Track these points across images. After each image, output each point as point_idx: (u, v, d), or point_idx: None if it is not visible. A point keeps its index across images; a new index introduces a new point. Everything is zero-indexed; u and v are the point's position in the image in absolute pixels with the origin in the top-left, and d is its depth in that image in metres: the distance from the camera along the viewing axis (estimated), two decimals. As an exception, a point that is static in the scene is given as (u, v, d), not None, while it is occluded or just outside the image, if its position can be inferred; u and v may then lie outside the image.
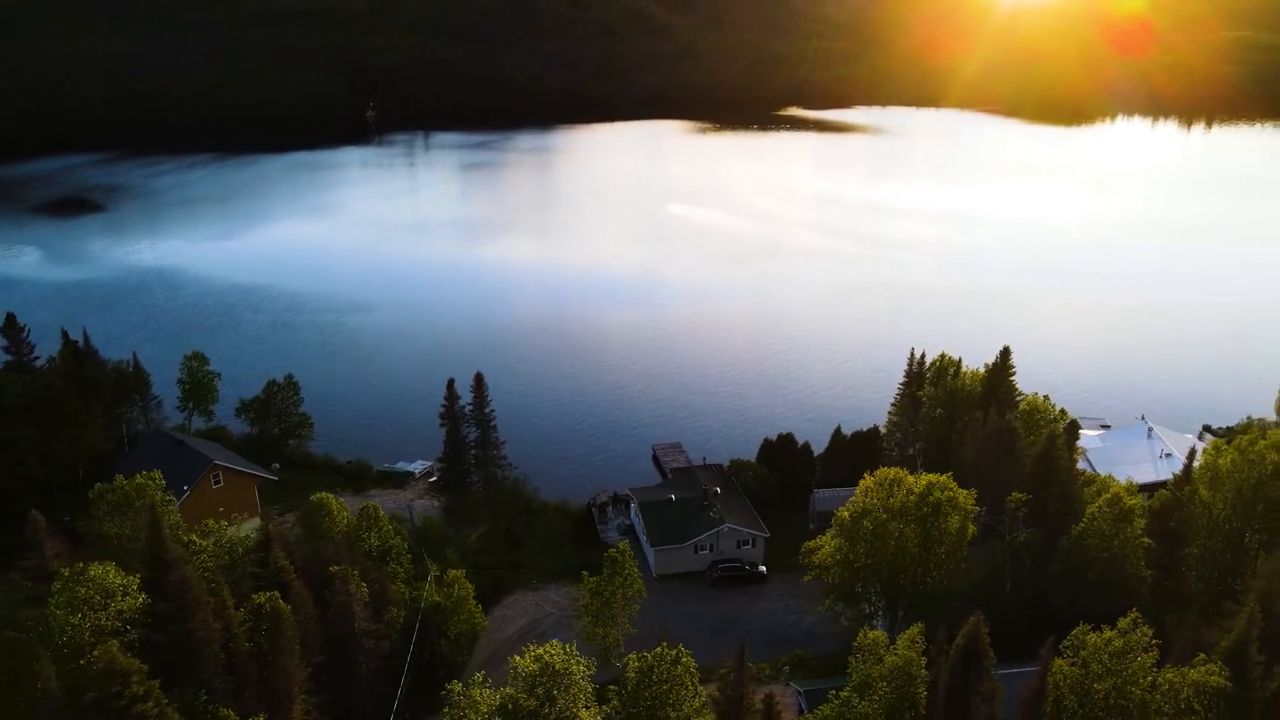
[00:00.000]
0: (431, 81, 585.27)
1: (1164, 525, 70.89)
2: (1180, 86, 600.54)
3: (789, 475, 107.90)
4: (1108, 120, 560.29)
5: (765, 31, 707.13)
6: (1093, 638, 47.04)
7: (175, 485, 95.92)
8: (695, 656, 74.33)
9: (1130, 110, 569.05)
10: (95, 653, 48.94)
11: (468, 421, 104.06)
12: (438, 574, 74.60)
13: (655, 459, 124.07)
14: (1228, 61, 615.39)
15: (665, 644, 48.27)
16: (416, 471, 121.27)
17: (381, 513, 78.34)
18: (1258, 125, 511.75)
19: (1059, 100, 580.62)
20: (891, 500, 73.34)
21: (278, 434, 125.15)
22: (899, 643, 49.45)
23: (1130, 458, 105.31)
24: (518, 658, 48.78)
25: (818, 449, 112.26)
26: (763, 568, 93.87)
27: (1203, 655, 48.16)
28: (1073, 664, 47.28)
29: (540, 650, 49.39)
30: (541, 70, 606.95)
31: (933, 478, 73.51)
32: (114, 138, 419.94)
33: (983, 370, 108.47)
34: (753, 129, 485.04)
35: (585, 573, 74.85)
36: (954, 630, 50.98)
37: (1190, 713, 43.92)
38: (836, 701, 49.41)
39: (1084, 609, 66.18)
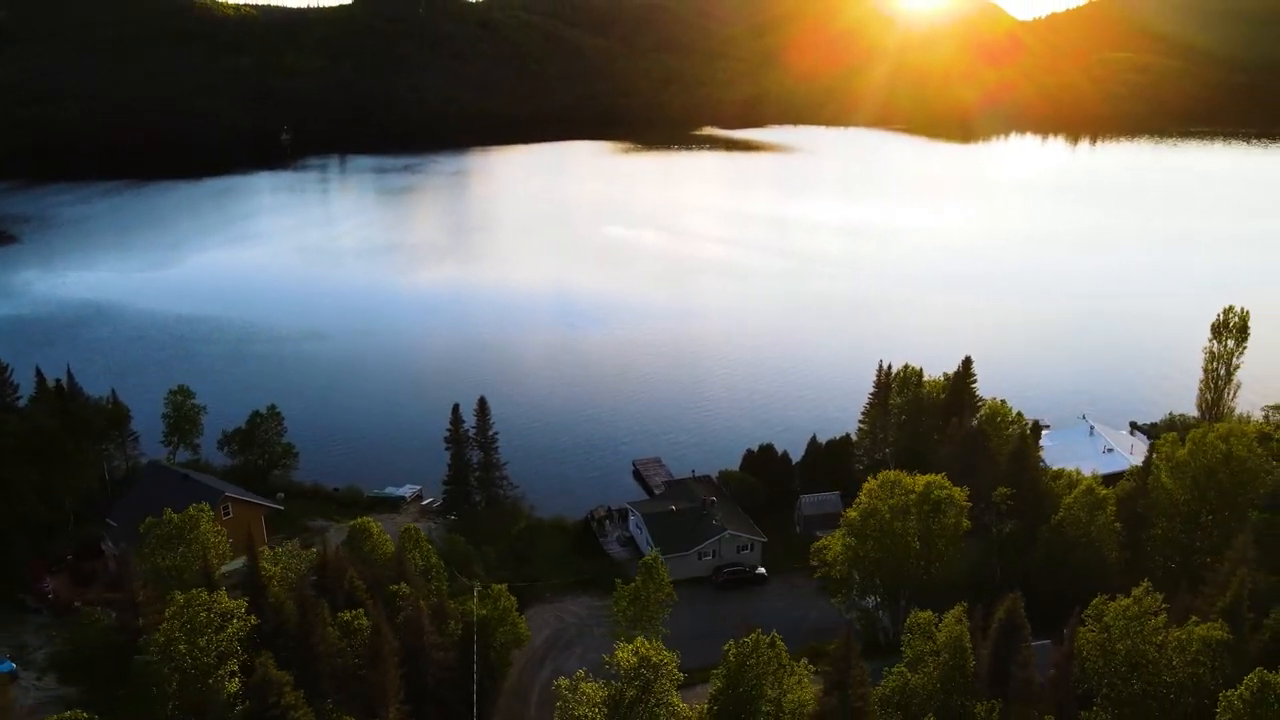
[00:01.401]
0: (344, 104, 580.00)
1: (1131, 510, 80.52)
2: (1067, 105, 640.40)
3: (773, 483, 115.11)
4: (1000, 137, 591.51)
5: (674, 52, 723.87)
6: (1113, 605, 55.11)
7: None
8: (712, 656, 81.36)
9: (1022, 128, 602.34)
10: (226, 668, 52.45)
11: (471, 444, 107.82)
12: (481, 588, 78.88)
13: (637, 474, 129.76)
14: (1110, 81, 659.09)
15: (758, 631, 54.29)
16: (407, 496, 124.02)
17: (422, 534, 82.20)
18: (1138, 140, 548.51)
19: (953, 118, 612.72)
20: (894, 499, 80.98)
21: (262, 465, 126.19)
22: (947, 620, 56.67)
23: (1077, 454, 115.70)
24: (618, 652, 54.16)
25: (794, 457, 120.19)
26: (761, 569, 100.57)
27: (1195, 617, 56.87)
28: (1096, 630, 55.22)
29: (635, 644, 54.99)
30: (456, 92, 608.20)
31: (930, 478, 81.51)
32: (7, 166, 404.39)
33: (942, 378, 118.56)
34: (673, 149, 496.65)
35: (618, 580, 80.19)
36: (990, 610, 58.53)
37: (1197, 664, 52.27)
38: (893, 675, 56.30)
39: (1064, 590, 75.41)
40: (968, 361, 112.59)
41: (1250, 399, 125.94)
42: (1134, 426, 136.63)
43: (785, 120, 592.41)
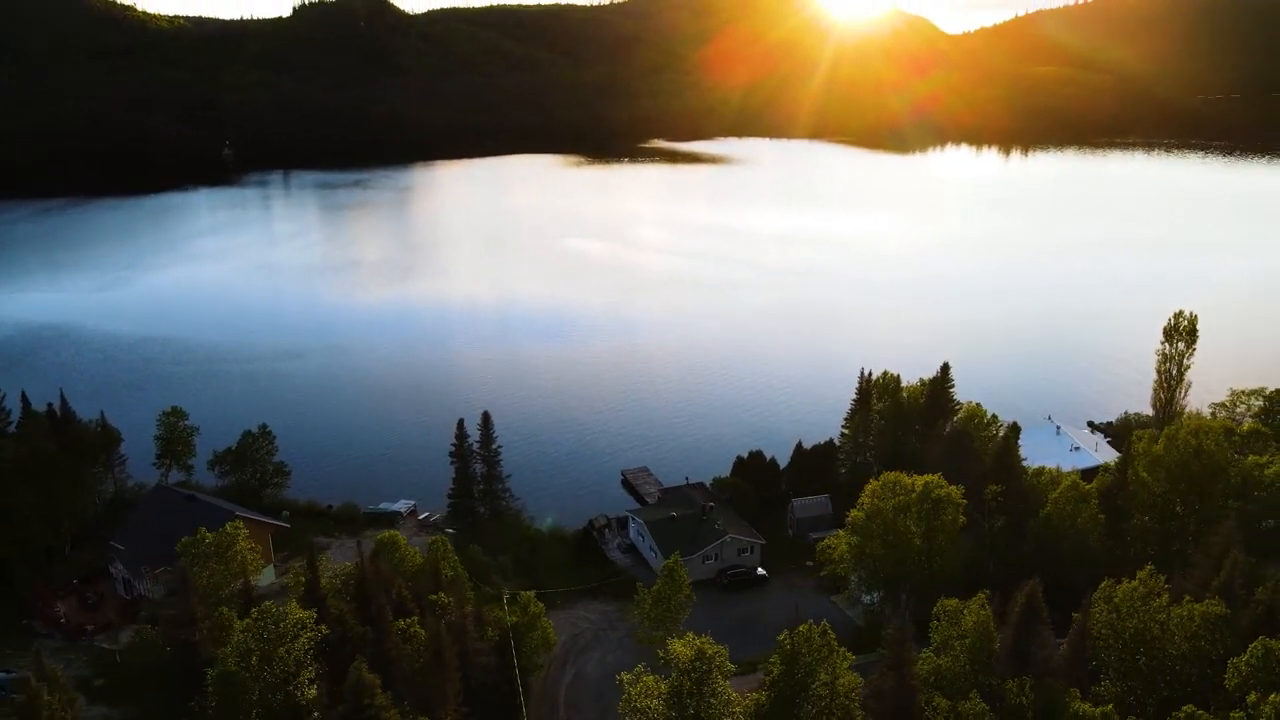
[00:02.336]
0: (287, 118, 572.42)
1: (1112, 503, 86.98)
2: (995, 117, 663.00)
3: (762, 488, 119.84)
4: (935, 148, 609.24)
5: (618, 65, 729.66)
6: (1122, 588, 60.68)
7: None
8: (733, 652, 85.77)
9: (956, 139, 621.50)
10: (304, 675, 54.92)
11: (475, 458, 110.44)
12: (510, 596, 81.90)
13: (626, 483, 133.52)
14: (1037, 94, 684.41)
15: (810, 622, 58.39)
16: (403, 511, 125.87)
17: (449, 546, 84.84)
18: (1065, 151, 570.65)
19: (886, 129, 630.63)
20: (896, 499, 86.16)
21: (254, 484, 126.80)
22: (971, 606, 61.65)
23: (1046, 453, 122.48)
24: (677, 646, 57.96)
25: (777, 463, 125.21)
26: (762, 571, 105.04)
27: (1188, 596, 62.78)
28: (1105, 610, 60.70)
29: (688, 638, 58.94)
30: (401, 106, 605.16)
31: (929, 478, 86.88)
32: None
33: (918, 383, 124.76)
34: (623, 161, 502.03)
35: (639, 584, 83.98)
36: (1006, 598, 63.75)
37: (1198, 638, 57.98)
38: (921, 659, 61.02)
39: (1052, 579, 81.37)
40: (945, 367, 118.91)
41: (1202, 396, 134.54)
42: (1091, 426, 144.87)
43: (729, 133, 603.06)
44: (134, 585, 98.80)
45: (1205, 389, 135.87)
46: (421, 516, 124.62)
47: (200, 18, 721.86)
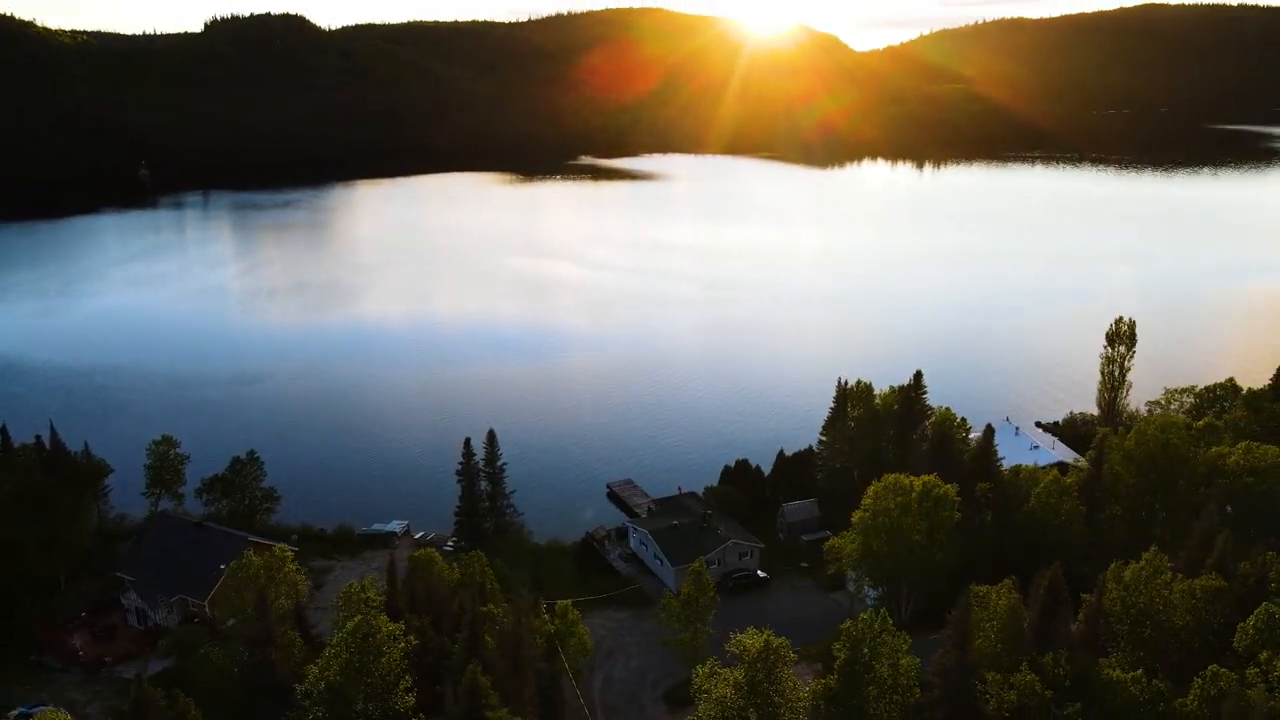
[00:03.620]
0: (202, 137, 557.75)
1: (1089, 495, 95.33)
2: (905, 132, 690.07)
3: (751, 494, 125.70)
4: (853, 163, 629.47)
5: (538, 82, 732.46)
6: (1131, 567, 67.97)
7: (212, 564, 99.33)
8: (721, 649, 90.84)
9: (869, 154, 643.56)
10: (403, 684, 57.92)
11: (480, 475, 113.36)
12: (548, 605, 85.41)
13: (613, 495, 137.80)
14: (946, 110, 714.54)
15: (870, 611, 63.80)
16: (398, 531, 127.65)
17: (485, 560, 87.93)
18: (975, 164, 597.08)
19: (802, 145, 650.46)
20: (898, 499, 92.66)
21: (244, 510, 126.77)
22: (1000, 591, 68.19)
23: (1008, 451, 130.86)
24: (746, 639, 62.85)
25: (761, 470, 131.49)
26: (762, 573, 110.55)
27: (1180, 575, 70.55)
28: (1117, 589, 67.85)
29: (750, 632, 63.97)
30: (323, 124, 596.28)
31: (927, 478, 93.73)
32: None
33: (888, 390, 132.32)
34: (555, 178, 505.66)
35: (666, 590, 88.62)
36: (1030, 581, 70.54)
37: (1199, 609, 65.53)
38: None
39: (1038, 568, 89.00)
40: (918, 375, 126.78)
41: (1140, 395, 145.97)
42: (1040, 426, 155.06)
43: (653, 149, 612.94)
44: (148, 615, 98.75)
45: (1143, 389, 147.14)
46: (417, 536, 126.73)
47: (105, 33, 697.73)
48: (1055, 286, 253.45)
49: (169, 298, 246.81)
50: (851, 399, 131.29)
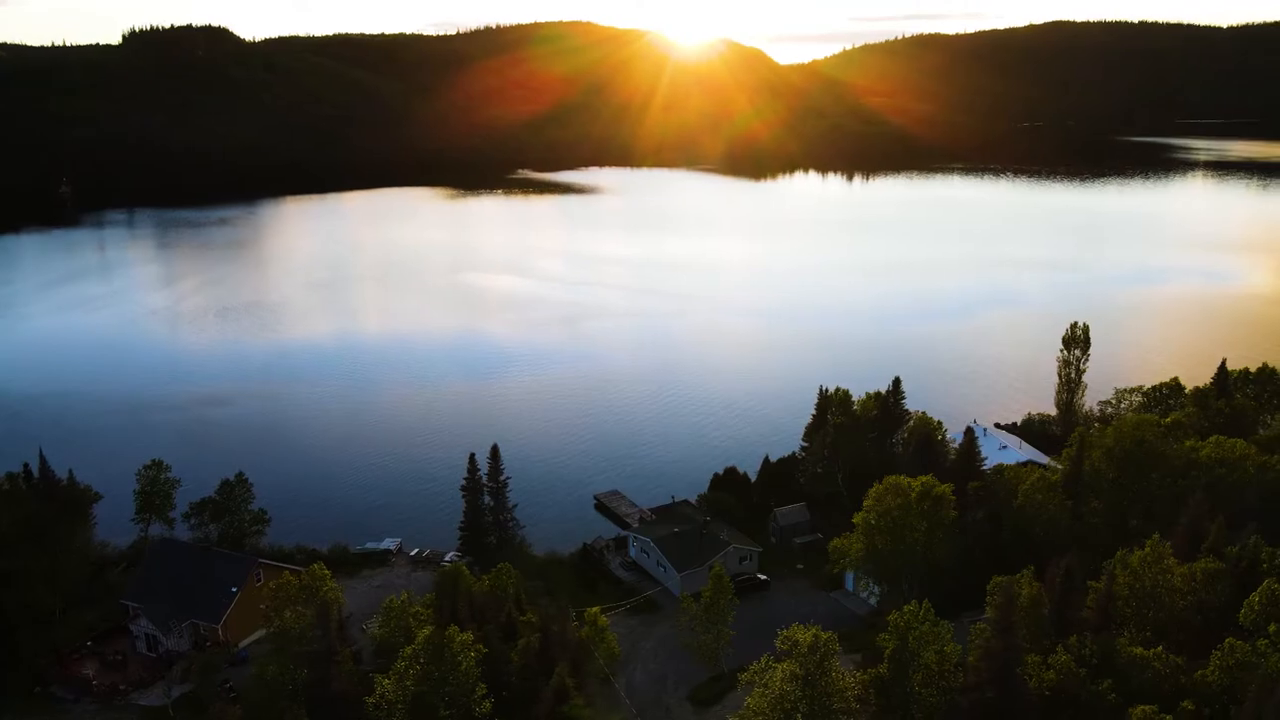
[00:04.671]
0: (125, 152, 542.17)
1: (1071, 490, 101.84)
2: (831, 145, 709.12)
3: (744, 500, 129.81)
4: (785, 175, 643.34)
5: (471, 96, 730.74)
6: (1137, 554, 73.80)
7: (222, 587, 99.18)
8: (755, 651, 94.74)
9: (806, 166, 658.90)
10: (478, 691, 60.03)
11: (484, 490, 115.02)
12: (577, 613, 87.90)
13: (601, 506, 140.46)
14: (872, 123, 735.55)
15: (915, 602, 67.92)
16: (392, 548, 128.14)
17: (514, 572, 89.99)
18: (904, 175, 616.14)
19: (726, 157, 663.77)
20: (899, 499, 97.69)
21: (233, 533, 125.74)
22: (1022, 581, 73.30)
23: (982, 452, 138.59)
24: (795, 634, 66.49)
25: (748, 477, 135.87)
26: (763, 576, 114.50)
27: (1175, 560, 76.74)
28: (1126, 574, 73.53)
29: (795, 628, 67.75)
30: (252, 138, 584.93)
31: (924, 479, 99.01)
32: None
33: (864, 396, 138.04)
34: (496, 193, 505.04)
35: (686, 594, 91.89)
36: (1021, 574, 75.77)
37: (1198, 590, 71.62)
38: (981, 626, 72.05)
39: (1025, 561, 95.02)
40: (897, 381, 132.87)
41: (1092, 396, 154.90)
42: (998, 427, 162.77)
43: (588, 162, 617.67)
44: (160, 641, 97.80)
45: (1093, 390, 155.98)
46: (412, 553, 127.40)
47: (19, 45, 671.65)
48: (996, 293, 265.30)
49: (114, 321, 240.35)
50: (832, 406, 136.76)
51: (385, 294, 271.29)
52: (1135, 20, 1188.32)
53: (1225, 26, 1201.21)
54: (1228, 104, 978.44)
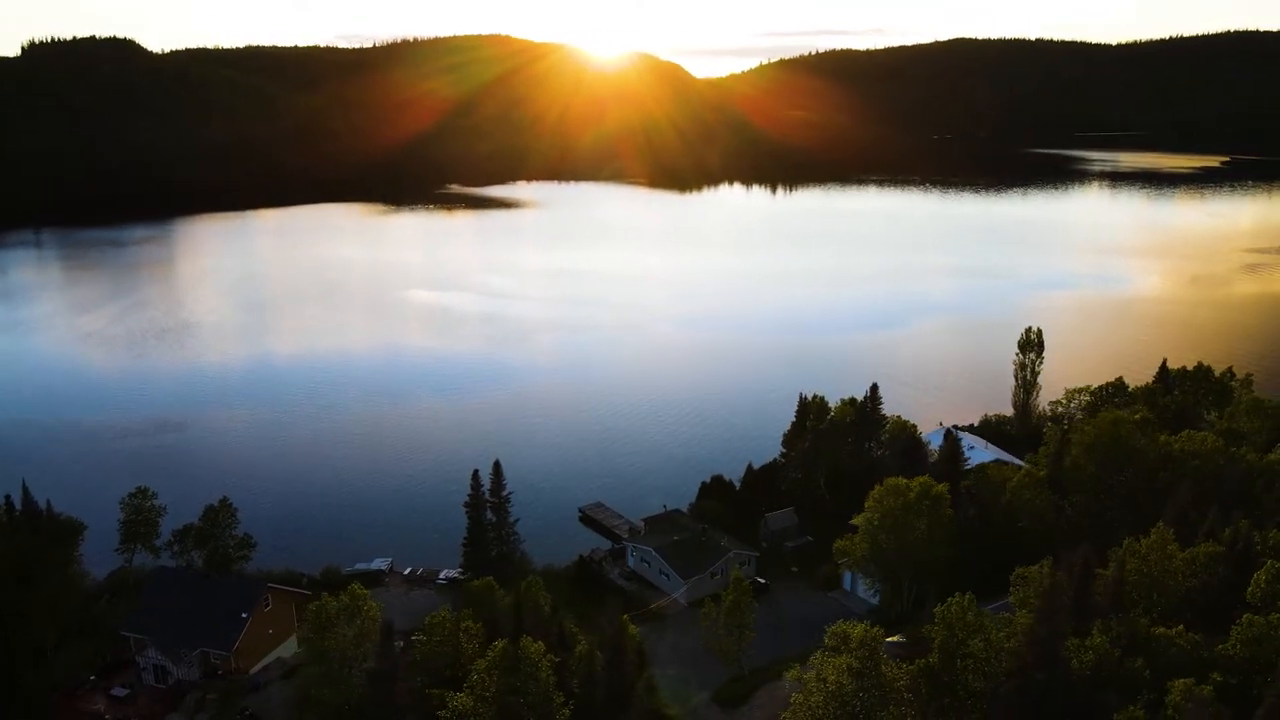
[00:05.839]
0: (28, 169, 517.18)
1: (1055, 486, 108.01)
2: (754, 158, 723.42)
3: (734, 507, 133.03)
4: (710, 187, 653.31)
5: (391, 109, 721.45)
6: (1143, 542, 79.39)
7: (231, 614, 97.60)
8: (765, 652, 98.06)
9: (728, 179, 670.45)
10: (557, 699, 61.49)
11: (485, 506, 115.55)
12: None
13: (586, 518, 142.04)
14: (791, 137, 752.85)
15: (957, 595, 71.62)
16: (384, 568, 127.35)
17: (541, 585, 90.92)
18: (824, 187, 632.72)
19: (658, 170, 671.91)
20: (900, 500, 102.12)
21: (219, 559, 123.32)
22: (1043, 568, 78.07)
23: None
24: (846, 628, 69.67)
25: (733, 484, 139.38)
26: (761, 579, 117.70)
27: (1174, 547, 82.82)
28: (1135, 561, 78.95)
29: (839, 624, 71.08)
30: (166, 154, 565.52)
31: (922, 479, 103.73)
32: None
33: (840, 402, 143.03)
34: (429, 208, 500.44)
35: (708, 600, 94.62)
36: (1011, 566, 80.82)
37: (1200, 574, 77.49)
38: (1006, 616, 76.46)
39: (1013, 554, 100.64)
40: (874, 387, 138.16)
41: (1050, 395, 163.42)
42: (956, 428, 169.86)
43: (523, 177, 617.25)
44: (170, 672, 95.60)
45: (1055, 390, 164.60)
46: (405, 572, 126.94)
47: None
48: (933, 301, 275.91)
49: (49, 346, 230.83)
50: (811, 413, 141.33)
51: (335, 313, 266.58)
52: (1032, 38, 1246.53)
53: (1115, 44, 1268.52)
54: (1118, 118, 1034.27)
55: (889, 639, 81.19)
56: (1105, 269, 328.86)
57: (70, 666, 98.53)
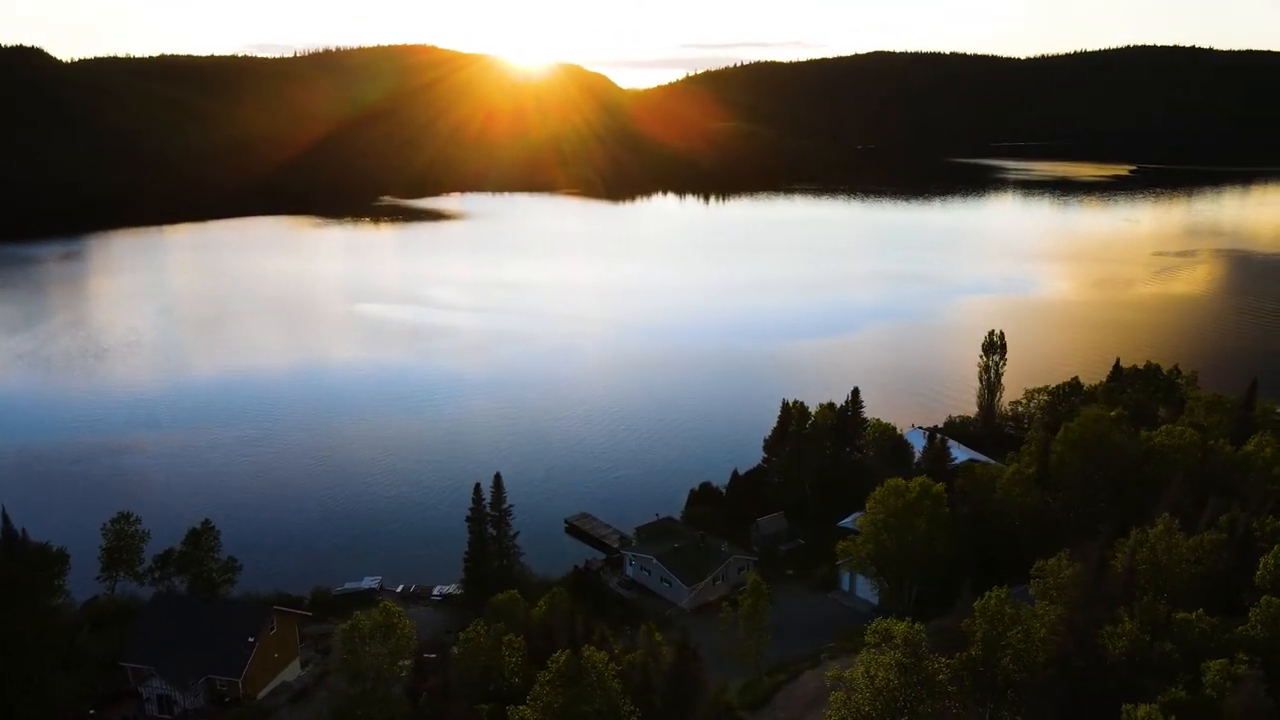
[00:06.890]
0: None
1: (1043, 482, 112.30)
2: (682, 167, 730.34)
3: (726, 513, 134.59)
4: (643, 197, 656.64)
5: (315, 120, 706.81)
6: (1151, 532, 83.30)
7: (238, 639, 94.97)
8: (774, 653, 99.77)
9: (660, 189, 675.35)
10: (625, 705, 61.80)
11: (488, 520, 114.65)
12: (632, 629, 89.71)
13: (573, 529, 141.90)
14: (721, 148, 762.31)
15: (995, 589, 73.97)
16: (375, 587, 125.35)
17: (565, 595, 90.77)
18: (755, 197, 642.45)
19: (588, 181, 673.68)
20: (902, 500, 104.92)
21: (204, 584, 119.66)
22: (1062, 560, 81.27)
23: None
24: (890, 625, 71.45)
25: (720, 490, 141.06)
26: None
27: (1180, 536, 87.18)
28: (1144, 550, 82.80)
29: (877, 622, 72.91)
30: (80, 166, 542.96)
31: (921, 480, 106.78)
32: None
33: (819, 407, 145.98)
34: (364, 221, 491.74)
35: (725, 603, 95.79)
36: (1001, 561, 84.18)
37: (1205, 560, 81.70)
38: (1026, 607, 79.45)
39: (1004, 551, 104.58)
40: (855, 392, 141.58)
41: (1013, 396, 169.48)
42: (916, 428, 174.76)
43: (458, 188, 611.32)
44: (175, 701, 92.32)
45: (1017, 391, 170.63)
46: (398, 590, 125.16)
47: None
48: (885, 305, 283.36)
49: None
50: (793, 419, 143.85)
51: (284, 329, 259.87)
52: (947, 51, 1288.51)
53: (1024, 58, 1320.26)
54: (1029, 129, 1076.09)
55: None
56: (1031, 273, 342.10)
57: (66, 699, 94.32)
